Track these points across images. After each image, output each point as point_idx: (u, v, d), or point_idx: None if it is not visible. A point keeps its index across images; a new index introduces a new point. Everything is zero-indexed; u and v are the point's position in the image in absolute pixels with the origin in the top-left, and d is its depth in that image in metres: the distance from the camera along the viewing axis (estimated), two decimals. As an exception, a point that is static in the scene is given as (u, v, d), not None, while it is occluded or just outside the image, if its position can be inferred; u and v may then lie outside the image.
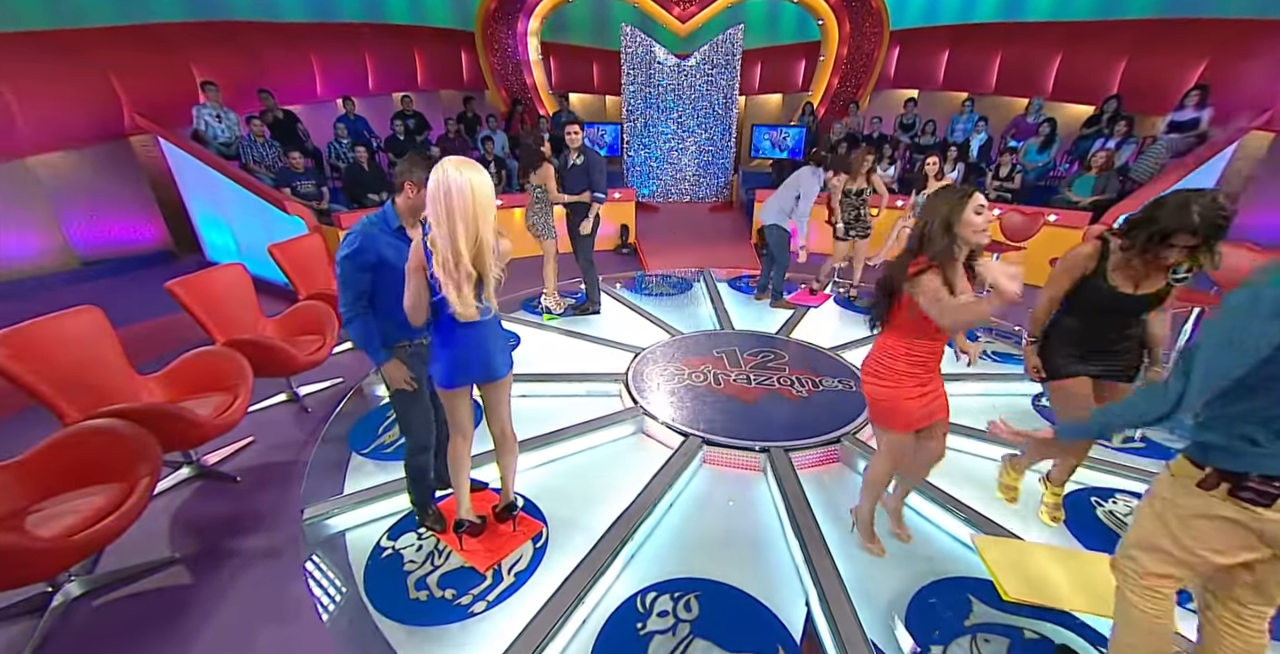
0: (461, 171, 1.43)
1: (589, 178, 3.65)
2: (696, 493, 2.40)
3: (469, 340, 1.68)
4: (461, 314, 1.52)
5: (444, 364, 1.71)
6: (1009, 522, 2.11)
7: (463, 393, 1.79)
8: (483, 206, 1.45)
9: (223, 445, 2.53)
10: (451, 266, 1.46)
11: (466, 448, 1.90)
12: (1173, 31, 6.01)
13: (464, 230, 1.44)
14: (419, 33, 7.90)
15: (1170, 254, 1.47)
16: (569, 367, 3.35)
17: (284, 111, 5.71)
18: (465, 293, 1.50)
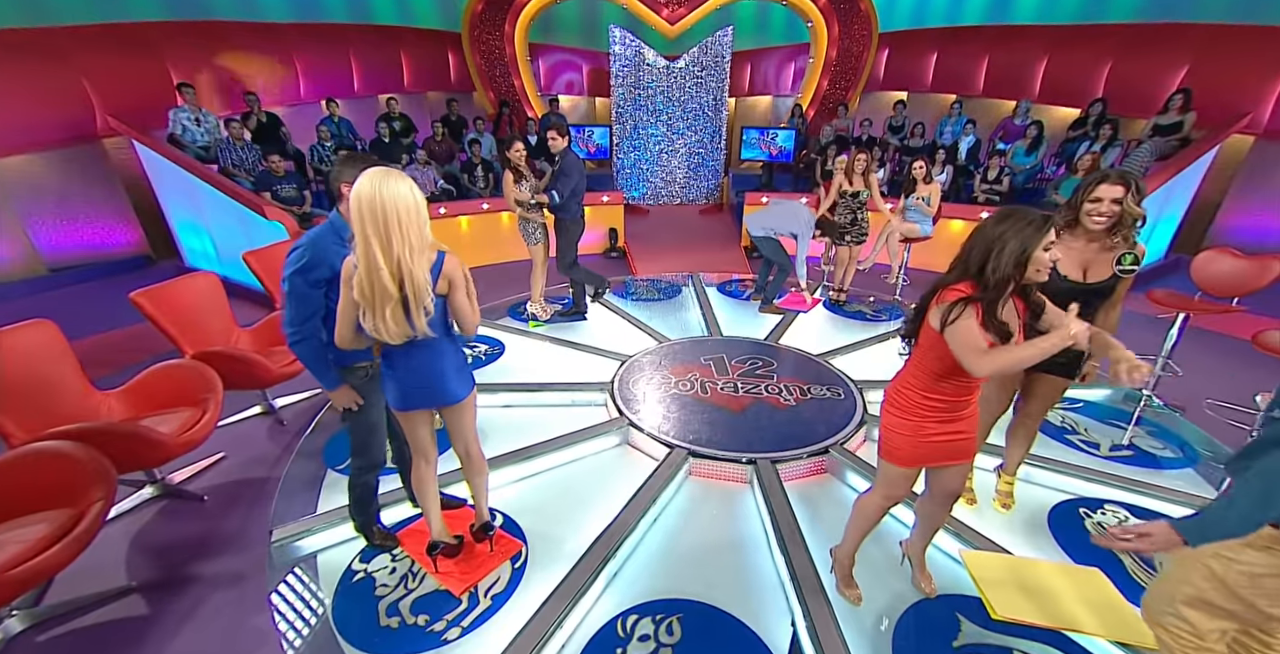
0: (375, 182, 1.32)
1: (555, 182, 3.58)
2: (682, 507, 2.34)
3: (411, 364, 1.59)
4: (380, 336, 1.44)
5: (391, 387, 1.64)
6: (996, 534, 2.08)
7: (417, 416, 1.72)
8: (403, 220, 1.33)
9: (191, 462, 2.44)
10: (367, 287, 1.36)
11: (430, 471, 1.83)
12: (1155, 35, 6.07)
13: (379, 247, 1.33)
14: (405, 34, 7.80)
15: (1099, 207, 1.53)
16: (554, 375, 3.29)
17: (268, 114, 5.60)
18: (387, 315, 1.39)
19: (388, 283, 1.36)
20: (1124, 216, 1.56)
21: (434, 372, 1.62)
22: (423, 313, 1.43)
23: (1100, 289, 1.64)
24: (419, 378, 1.61)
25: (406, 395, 1.64)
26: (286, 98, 6.49)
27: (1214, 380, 3.12)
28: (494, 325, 3.99)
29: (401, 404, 1.66)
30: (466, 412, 1.76)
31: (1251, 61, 5.25)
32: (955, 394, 1.45)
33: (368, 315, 1.41)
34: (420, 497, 1.86)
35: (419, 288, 1.39)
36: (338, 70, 7.08)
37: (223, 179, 4.43)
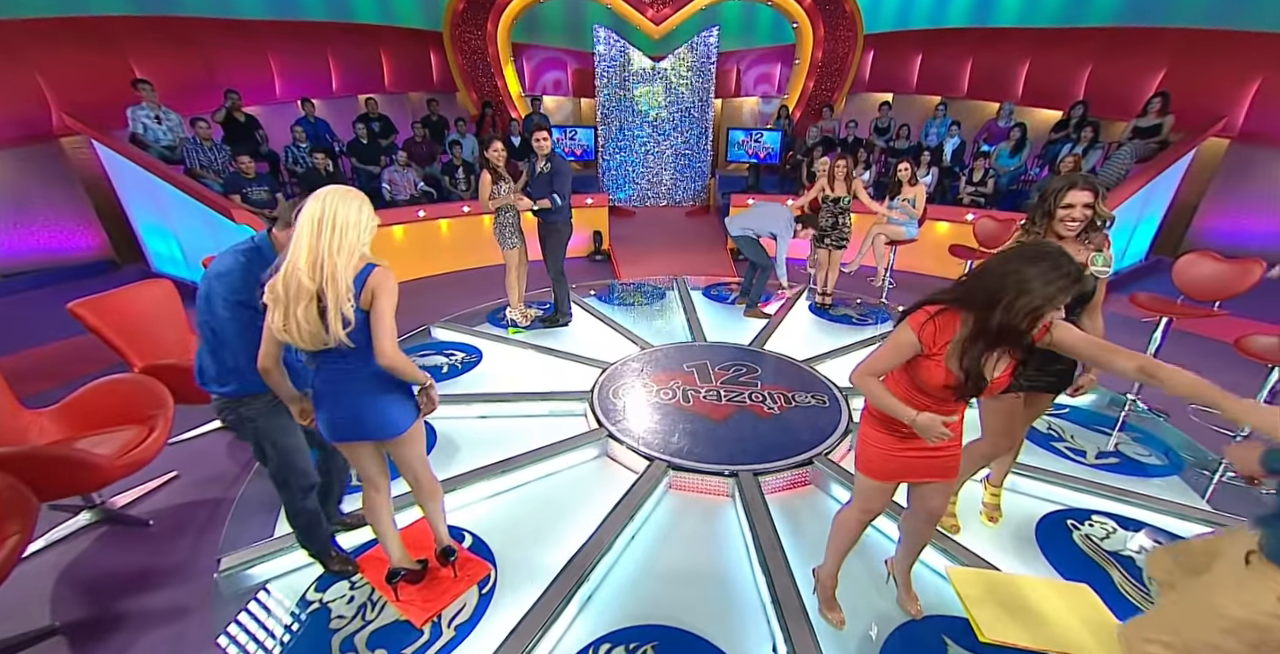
0: (329, 196, 1.35)
1: (553, 184, 3.49)
2: (661, 523, 2.25)
3: (338, 393, 1.48)
4: (297, 341, 1.36)
5: (320, 417, 1.53)
6: (984, 548, 2.01)
7: (355, 446, 1.60)
8: (338, 225, 1.33)
9: (138, 484, 2.29)
10: (280, 285, 1.32)
11: (381, 498, 1.72)
12: (1133, 39, 6.13)
13: (306, 248, 1.32)
14: (385, 32, 7.63)
15: (1072, 212, 1.55)
16: (533, 384, 3.18)
17: (246, 114, 5.41)
18: (298, 313, 1.33)
19: (304, 278, 1.31)
20: (1093, 220, 1.60)
21: (363, 403, 1.49)
22: (340, 318, 1.34)
23: (1080, 296, 1.64)
24: (347, 410, 1.50)
25: (334, 427, 1.53)
26: (261, 97, 6.29)
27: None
28: (472, 332, 3.87)
29: (330, 436, 1.55)
30: (408, 445, 1.62)
31: (1226, 66, 5.32)
32: (933, 409, 1.36)
33: (278, 315, 1.34)
34: (373, 524, 1.75)
35: (339, 290, 1.33)
36: (315, 69, 6.90)
37: (188, 180, 4.25)
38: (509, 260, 3.80)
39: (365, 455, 1.64)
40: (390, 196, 5.52)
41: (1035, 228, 1.66)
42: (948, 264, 4.17)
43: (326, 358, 1.45)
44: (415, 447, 1.66)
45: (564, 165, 3.50)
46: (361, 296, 1.38)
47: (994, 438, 1.88)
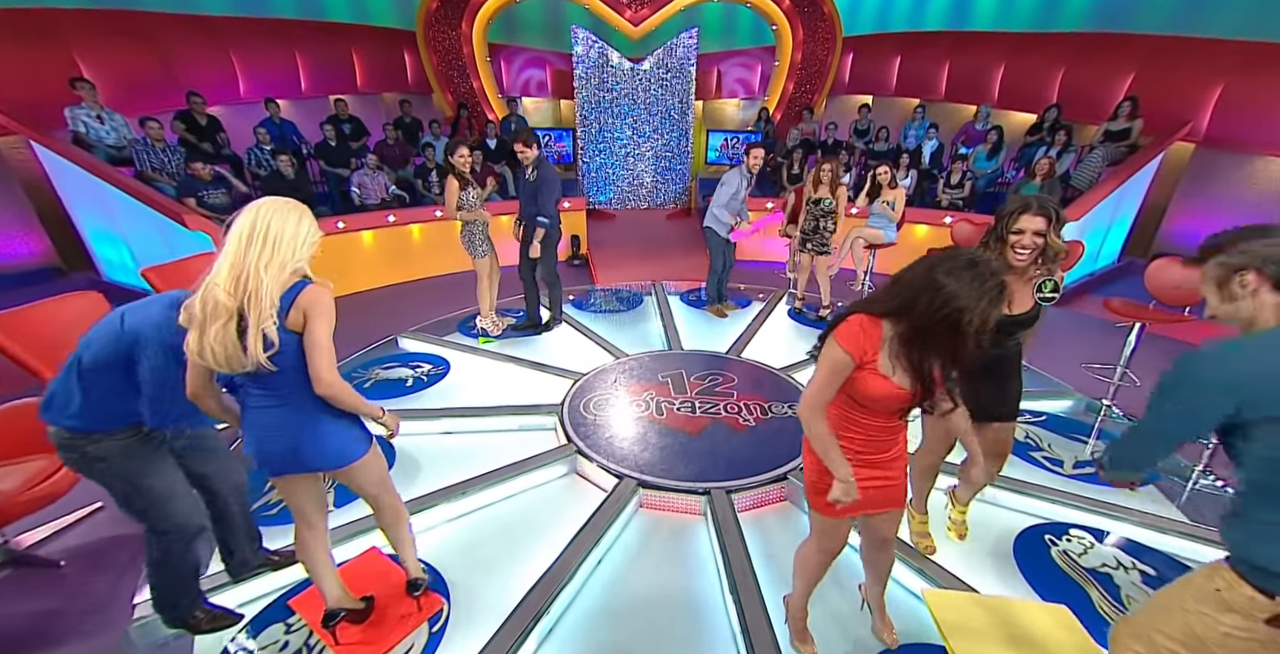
0: (265, 207, 1.26)
1: (538, 198, 3.37)
2: (629, 546, 2.15)
3: (269, 421, 1.36)
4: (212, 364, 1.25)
5: (249, 443, 1.39)
6: (960, 566, 1.95)
7: (288, 480, 1.46)
8: (271, 238, 1.24)
9: (53, 518, 2.09)
10: (197, 303, 1.22)
11: (314, 537, 1.58)
12: (1103, 44, 6.22)
13: (229, 262, 1.22)
14: (357, 32, 7.42)
15: (1022, 239, 1.48)
16: (502, 397, 3.06)
17: (208, 117, 5.18)
18: (211, 333, 1.22)
19: (221, 294, 1.20)
20: (1047, 250, 1.49)
21: (301, 432, 1.36)
22: (261, 338, 1.23)
23: (1025, 320, 1.61)
24: (282, 440, 1.36)
25: (267, 459, 1.39)
26: (224, 97, 6.05)
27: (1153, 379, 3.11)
28: (441, 342, 3.73)
29: (264, 468, 1.41)
30: (362, 472, 1.50)
31: (1191, 72, 5.42)
32: (874, 432, 1.30)
33: (194, 336, 1.24)
34: (306, 563, 1.61)
35: (262, 308, 1.22)
36: (282, 68, 6.67)
37: (136, 184, 4.02)
38: (480, 269, 3.66)
39: (302, 489, 1.50)
40: (360, 200, 5.34)
41: (994, 248, 1.56)
42: (926, 268, 4.15)
43: (256, 383, 1.33)
44: (370, 472, 1.53)
45: (551, 174, 3.39)
46: (290, 316, 1.26)
47: (933, 445, 1.86)
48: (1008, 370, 1.72)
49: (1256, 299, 0.98)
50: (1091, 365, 3.12)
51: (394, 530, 1.69)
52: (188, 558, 1.60)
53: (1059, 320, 4.45)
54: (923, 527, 2.04)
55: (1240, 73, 5.16)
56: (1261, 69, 5.07)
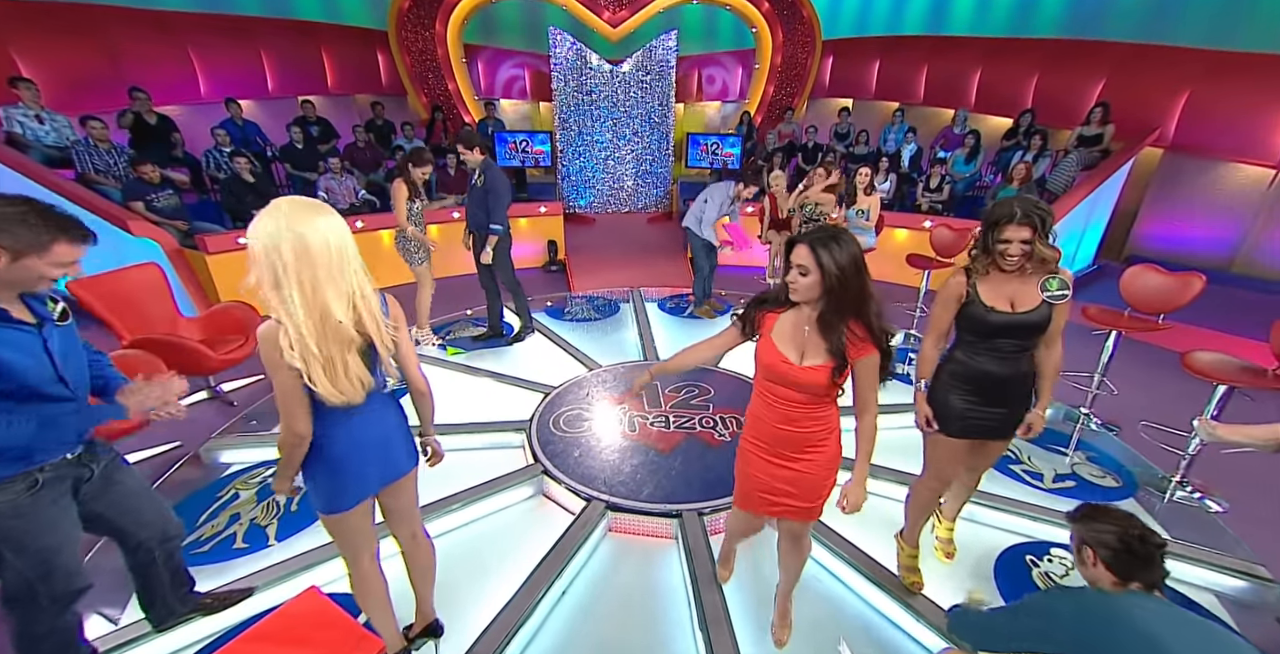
0: (305, 215, 1.10)
1: (487, 204, 3.23)
2: (596, 574, 2.04)
3: (359, 435, 1.28)
4: (340, 399, 1.17)
5: (327, 479, 1.28)
6: (940, 591, 1.87)
7: (360, 510, 1.36)
8: (349, 254, 1.16)
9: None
10: (316, 339, 1.11)
11: (376, 567, 1.49)
12: (1075, 51, 6.31)
13: (333, 292, 1.12)
14: (326, 31, 7.20)
15: (1008, 248, 1.46)
16: (468, 413, 2.91)
17: (158, 115, 4.94)
18: (340, 370, 1.16)
19: (349, 327, 1.15)
20: (1035, 255, 1.46)
21: (387, 437, 1.35)
22: (389, 353, 1.25)
23: (1034, 321, 1.52)
24: (371, 451, 1.31)
25: (356, 480, 1.31)
26: (182, 96, 5.80)
27: (1147, 393, 3.10)
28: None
29: (338, 502, 1.30)
30: (412, 485, 1.48)
31: (1158, 79, 5.52)
32: (767, 411, 1.41)
33: (322, 376, 1.13)
34: (368, 602, 1.50)
35: (380, 323, 1.21)
36: (245, 68, 6.42)
37: (74, 186, 3.78)
38: (420, 277, 3.49)
39: (365, 521, 1.41)
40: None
41: (983, 258, 1.53)
42: (907, 273, 4.10)
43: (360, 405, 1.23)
44: (415, 484, 1.49)
45: (499, 181, 3.24)
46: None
47: (934, 471, 1.77)
48: (1015, 385, 1.61)
49: (1095, 571, 1.20)
50: (1068, 373, 3.09)
51: (426, 566, 1.62)
52: (62, 623, 1.38)
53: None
54: (911, 561, 1.90)
55: (1204, 80, 5.26)
56: (1224, 77, 5.17)
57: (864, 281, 1.24)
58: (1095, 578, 1.20)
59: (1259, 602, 1.86)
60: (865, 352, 1.27)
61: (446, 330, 3.98)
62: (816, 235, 1.26)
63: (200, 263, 3.92)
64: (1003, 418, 1.66)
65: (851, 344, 1.26)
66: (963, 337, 1.64)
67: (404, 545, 1.57)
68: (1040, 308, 1.52)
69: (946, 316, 1.60)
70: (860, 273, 1.23)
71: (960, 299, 1.57)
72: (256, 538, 2.04)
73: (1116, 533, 1.18)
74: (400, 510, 1.48)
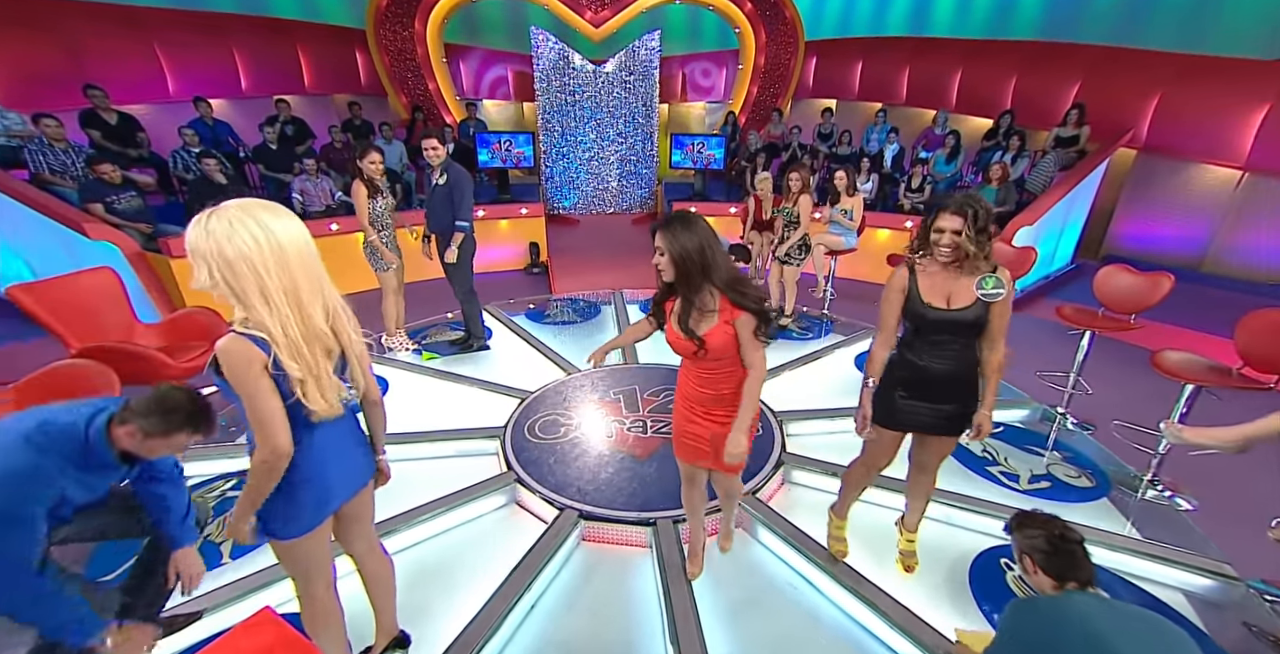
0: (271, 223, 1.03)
1: (451, 200, 3.16)
2: (568, 585, 1.99)
3: (321, 450, 1.21)
4: (329, 410, 1.13)
5: (285, 501, 1.20)
6: (913, 597, 1.85)
7: (318, 532, 1.28)
8: (315, 260, 1.11)
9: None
10: (305, 351, 1.07)
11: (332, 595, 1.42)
12: (1052, 53, 6.41)
13: (307, 294, 1.08)
14: (302, 29, 7.05)
15: (942, 237, 1.49)
16: (442, 420, 2.85)
17: (119, 114, 4.78)
18: (326, 381, 1.13)
19: (330, 335, 1.12)
20: (960, 248, 1.47)
21: (348, 449, 1.30)
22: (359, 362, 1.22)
23: (968, 319, 1.54)
24: (333, 466, 1.25)
25: (323, 496, 1.25)
26: (149, 95, 5.63)
27: (1121, 391, 3.13)
28: (381, 359, 3.49)
29: (309, 522, 1.24)
30: (370, 494, 1.44)
31: (1131, 81, 5.62)
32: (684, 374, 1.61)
33: (313, 389, 1.09)
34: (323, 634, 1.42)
35: (354, 330, 1.19)
36: (217, 66, 6.26)
37: (25, 187, 3.63)
38: (385, 284, 3.39)
39: (324, 544, 1.34)
40: (302, 208, 5.03)
41: (923, 248, 1.56)
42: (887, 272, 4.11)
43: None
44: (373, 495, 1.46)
45: (462, 179, 3.16)
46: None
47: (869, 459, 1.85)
48: (954, 383, 1.63)
49: (1037, 577, 1.26)
50: (1045, 373, 3.12)
51: (386, 580, 1.57)
52: None
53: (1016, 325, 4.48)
54: (839, 531, 2.01)
55: (1175, 83, 5.36)
56: (1193, 80, 5.27)
57: (707, 257, 1.38)
58: (1039, 585, 1.26)
59: (1226, 601, 1.87)
60: (733, 314, 1.42)
61: (423, 334, 3.90)
62: (667, 219, 1.41)
63: (164, 266, 3.80)
64: (940, 415, 1.67)
65: (722, 310, 1.43)
66: (905, 332, 1.68)
67: (361, 561, 1.51)
68: (975, 305, 1.53)
69: (892, 312, 1.62)
70: (704, 250, 1.38)
71: (903, 291, 1.59)
72: (210, 555, 1.96)
73: (1044, 536, 1.26)
74: (359, 522, 1.42)
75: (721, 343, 1.44)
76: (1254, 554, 1.93)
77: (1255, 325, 1.98)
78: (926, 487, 1.90)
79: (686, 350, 1.49)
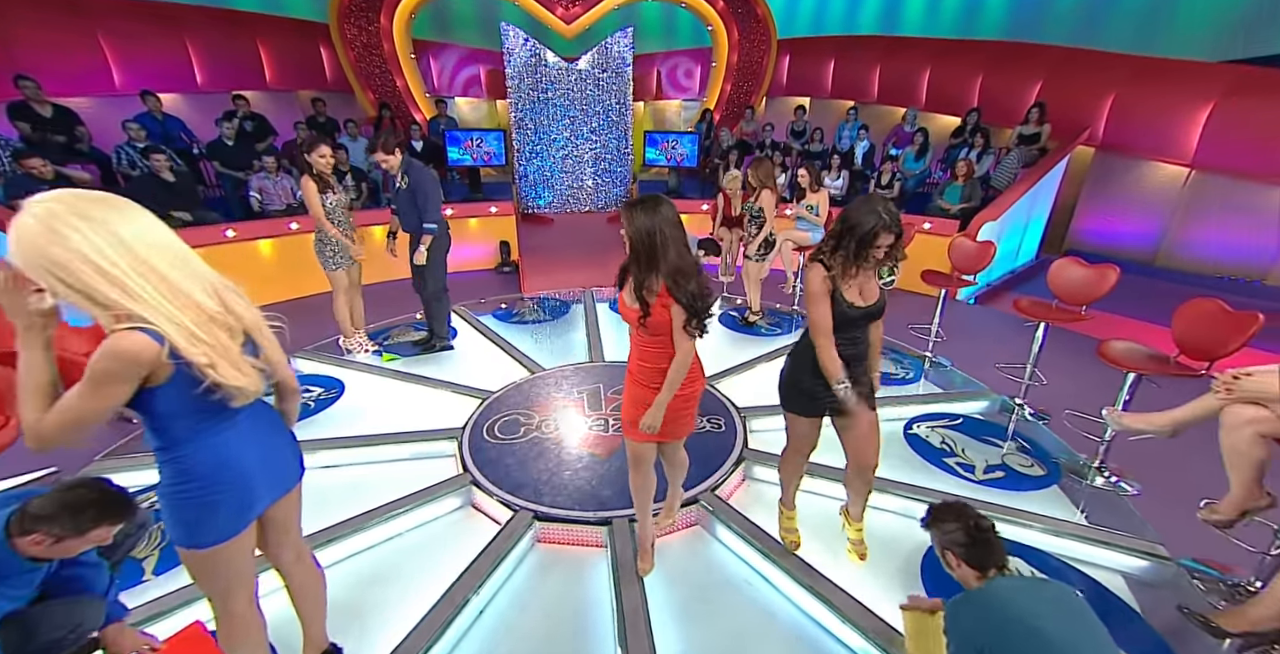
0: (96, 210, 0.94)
1: (416, 203, 3.08)
2: (519, 588, 1.94)
3: (249, 444, 1.15)
4: (249, 384, 1.07)
5: (208, 501, 1.11)
6: (865, 587, 1.85)
7: (239, 540, 1.19)
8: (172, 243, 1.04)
9: None
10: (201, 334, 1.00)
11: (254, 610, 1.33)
12: (1016, 53, 6.56)
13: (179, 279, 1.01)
14: (260, 22, 6.82)
15: (878, 253, 1.59)
16: (399, 422, 2.77)
17: (55, 106, 4.55)
18: (237, 358, 1.07)
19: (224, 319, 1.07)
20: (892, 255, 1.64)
21: (273, 445, 1.24)
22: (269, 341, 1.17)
23: (879, 309, 1.71)
24: (255, 465, 1.18)
25: (244, 503, 1.17)
26: (92, 87, 5.38)
27: (1074, 381, 3.20)
28: (338, 362, 3.39)
29: (226, 526, 1.15)
30: (297, 498, 1.35)
31: (1088, 81, 5.78)
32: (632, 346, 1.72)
33: (224, 369, 1.02)
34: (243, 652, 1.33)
35: (250, 306, 1.13)
36: (168, 58, 6.02)
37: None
38: (336, 283, 3.27)
39: (251, 544, 1.25)
40: (260, 207, 4.86)
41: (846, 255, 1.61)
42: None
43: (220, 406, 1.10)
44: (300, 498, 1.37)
45: (424, 179, 3.08)
46: None
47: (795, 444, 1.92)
48: (858, 363, 1.78)
49: (962, 571, 1.30)
50: (1003, 365, 3.17)
51: (317, 592, 1.50)
52: None
53: (981, 319, 4.57)
54: (789, 522, 2.06)
55: (1129, 84, 5.52)
56: (1145, 81, 5.44)
57: (655, 242, 1.47)
58: (964, 578, 1.30)
59: (1160, 580, 1.92)
60: (667, 303, 1.52)
61: (385, 335, 3.80)
62: (635, 200, 1.52)
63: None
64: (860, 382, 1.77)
65: (663, 294, 1.52)
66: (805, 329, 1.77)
67: (288, 572, 1.42)
68: (881, 297, 1.70)
69: (825, 311, 1.67)
70: (653, 236, 1.46)
71: (829, 294, 1.65)
72: (131, 572, 1.85)
73: (962, 529, 1.29)
74: (285, 529, 1.34)
75: (662, 319, 1.54)
76: (1188, 534, 1.98)
77: (1189, 314, 2.04)
78: (868, 477, 1.92)
79: (632, 318, 1.60)
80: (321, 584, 1.51)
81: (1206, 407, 1.68)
